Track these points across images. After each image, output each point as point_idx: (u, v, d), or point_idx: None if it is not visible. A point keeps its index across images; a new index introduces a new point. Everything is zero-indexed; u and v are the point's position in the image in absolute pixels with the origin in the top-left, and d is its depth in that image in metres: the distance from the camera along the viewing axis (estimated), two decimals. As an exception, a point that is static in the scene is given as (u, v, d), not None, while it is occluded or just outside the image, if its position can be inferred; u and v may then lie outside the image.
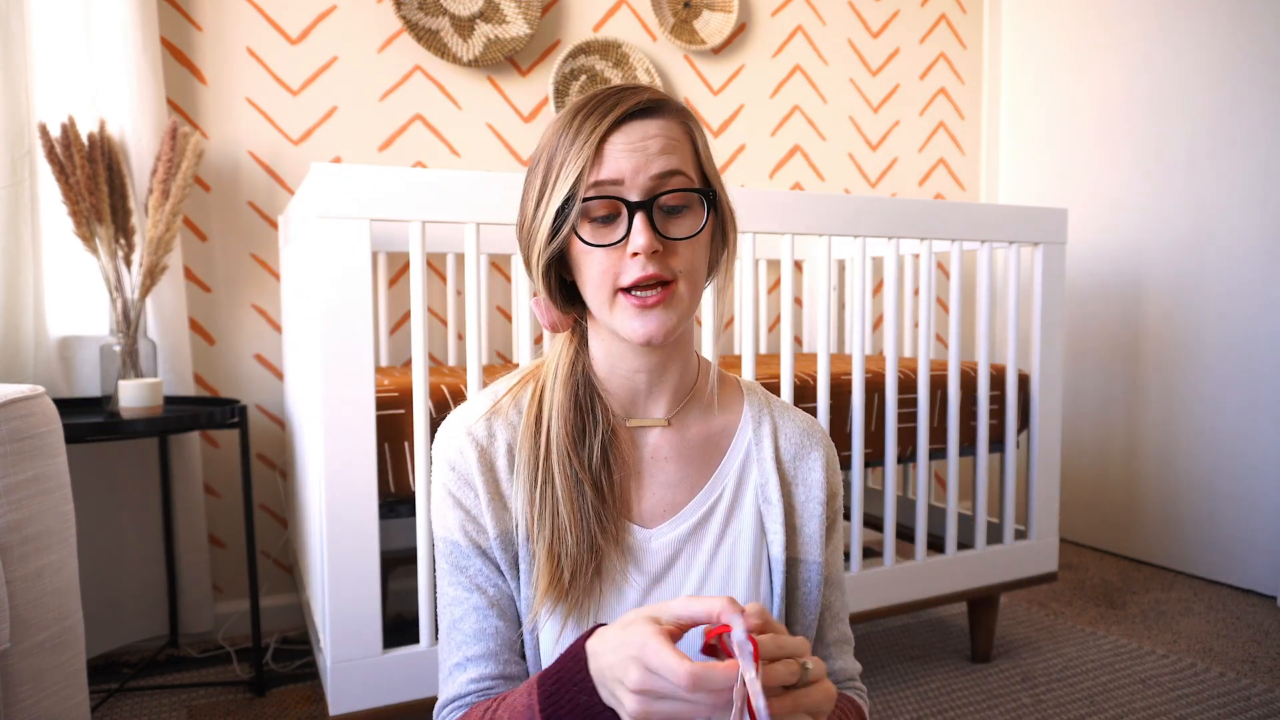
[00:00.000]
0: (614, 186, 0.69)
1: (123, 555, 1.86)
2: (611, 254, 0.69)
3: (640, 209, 0.68)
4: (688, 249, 0.70)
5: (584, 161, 0.68)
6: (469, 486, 0.75)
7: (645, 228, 0.67)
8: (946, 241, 1.73)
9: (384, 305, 2.07)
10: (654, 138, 0.69)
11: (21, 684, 0.97)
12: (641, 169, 0.68)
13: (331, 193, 1.18)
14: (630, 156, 0.68)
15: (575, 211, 0.69)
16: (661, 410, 0.79)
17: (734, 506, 0.78)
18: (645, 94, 0.71)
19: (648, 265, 0.68)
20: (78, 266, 1.80)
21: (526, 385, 0.79)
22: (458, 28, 2.16)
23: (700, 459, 0.79)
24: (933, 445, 1.78)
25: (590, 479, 0.74)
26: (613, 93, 0.72)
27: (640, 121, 0.70)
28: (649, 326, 0.70)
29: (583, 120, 0.70)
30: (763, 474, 0.79)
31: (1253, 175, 2.26)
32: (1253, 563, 2.28)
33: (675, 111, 0.73)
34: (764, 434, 0.81)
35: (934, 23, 2.85)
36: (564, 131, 0.71)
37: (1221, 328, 2.34)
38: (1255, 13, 2.25)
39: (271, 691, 1.70)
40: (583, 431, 0.75)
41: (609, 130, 0.69)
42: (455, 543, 0.75)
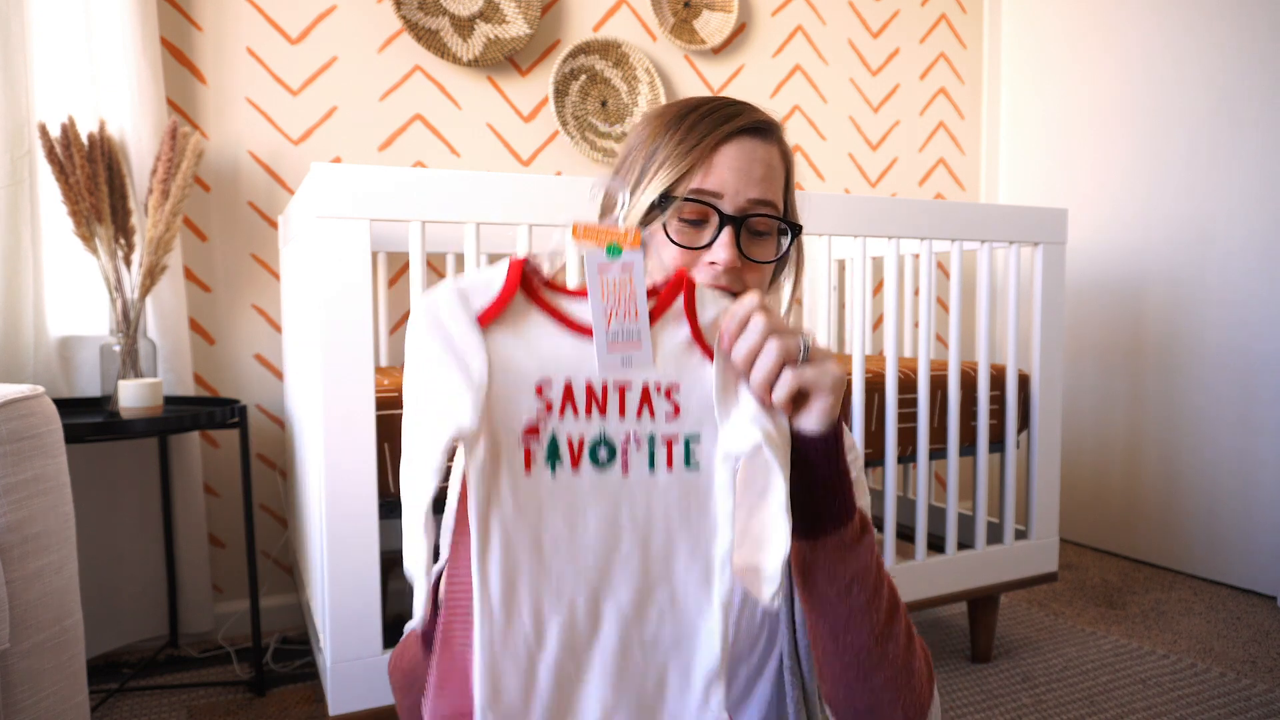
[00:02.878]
0: (713, 197, 0.71)
1: (123, 555, 1.86)
2: (688, 254, 0.72)
3: (731, 224, 0.70)
4: (760, 270, 0.73)
5: (692, 163, 0.70)
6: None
7: (731, 244, 0.70)
8: (946, 241, 1.73)
9: (384, 305, 2.07)
10: (759, 162, 0.72)
11: (21, 684, 0.97)
12: (742, 189, 0.71)
13: (331, 192, 1.18)
14: (736, 173, 0.71)
15: (672, 208, 0.71)
16: None
17: None
18: (761, 114, 0.74)
19: (721, 278, 0.71)
20: (78, 266, 1.80)
21: None
22: (458, 28, 2.16)
23: None
24: (933, 445, 1.78)
25: None
26: (730, 103, 0.74)
27: (751, 140, 0.72)
28: None
29: (697, 121, 0.72)
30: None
31: (1252, 175, 2.26)
32: (1253, 563, 2.28)
33: (780, 139, 0.76)
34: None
35: (934, 23, 2.85)
36: (674, 127, 0.72)
37: (1221, 327, 2.34)
38: (1255, 14, 2.25)
39: (271, 691, 1.70)
40: None
41: (724, 140, 0.71)
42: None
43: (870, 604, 0.61)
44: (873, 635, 0.61)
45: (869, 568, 0.61)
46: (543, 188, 1.32)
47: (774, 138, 0.74)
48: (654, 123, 0.75)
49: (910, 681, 0.63)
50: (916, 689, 0.64)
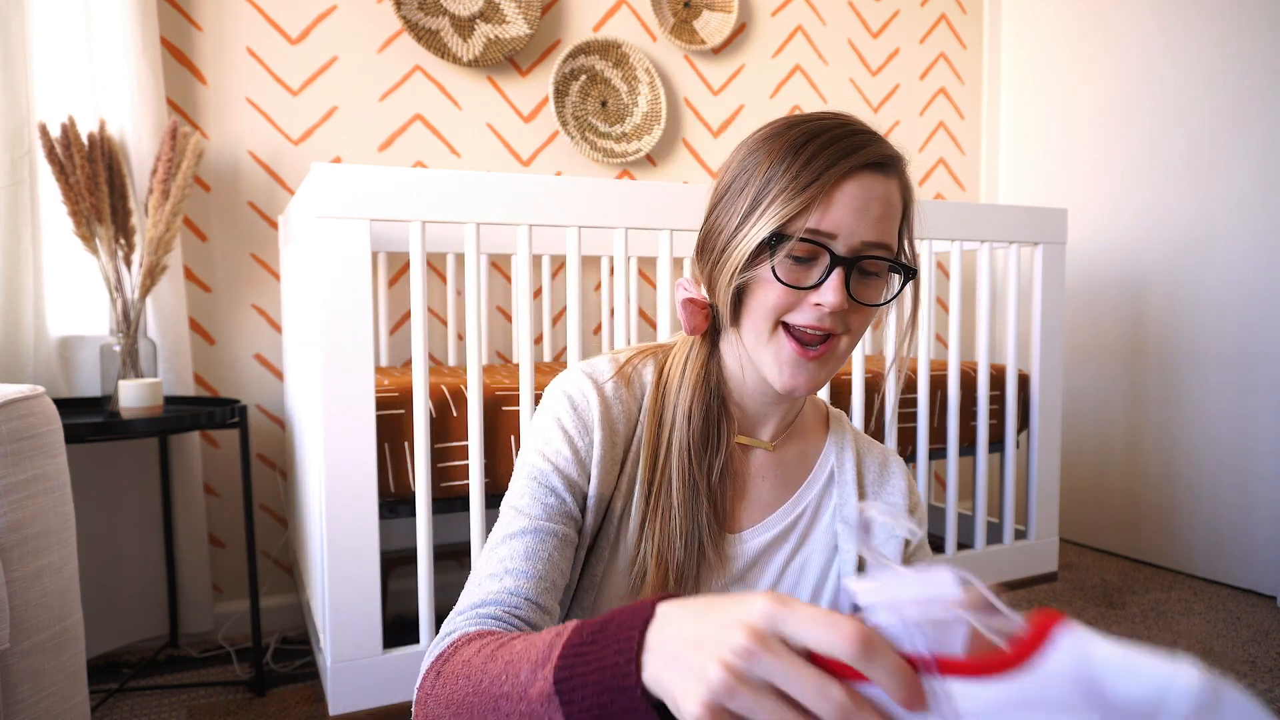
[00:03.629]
0: (827, 237, 0.68)
1: (123, 555, 1.86)
2: (793, 293, 0.69)
3: (842, 266, 0.68)
4: (865, 313, 0.71)
5: (809, 201, 0.67)
6: (586, 431, 0.74)
7: (840, 287, 0.67)
8: (946, 241, 1.73)
9: (384, 305, 2.07)
10: (878, 200, 0.68)
11: (21, 684, 0.97)
12: (858, 230, 0.68)
13: (331, 193, 1.18)
14: (853, 214, 0.67)
15: (785, 250, 0.67)
16: (769, 433, 0.81)
17: (813, 523, 0.81)
18: (885, 147, 0.70)
19: (825, 319, 0.69)
20: (78, 266, 1.80)
21: (645, 363, 0.79)
22: (458, 28, 2.16)
23: (791, 477, 0.82)
24: (933, 445, 1.78)
25: (708, 489, 0.75)
26: (852, 132, 0.70)
27: (872, 177, 0.69)
28: (798, 379, 0.71)
29: (816, 152, 0.68)
30: (843, 495, 0.82)
31: (1253, 175, 2.26)
32: (1253, 563, 2.28)
33: (901, 174, 0.72)
34: (847, 458, 0.83)
35: (934, 23, 2.85)
36: (790, 156, 0.68)
37: (1221, 327, 2.34)
38: (1255, 14, 2.25)
39: (271, 691, 1.70)
40: (706, 443, 0.76)
41: (844, 177, 0.67)
42: (547, 471, 0.73)
43: None
44: None
45: None
46: (543, 188, 1.32)
47: (895, 173, 0.71)
48: (767, 147, 0.70)
49: None
50: None
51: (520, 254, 1.32)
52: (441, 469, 1.37)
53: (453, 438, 1.37)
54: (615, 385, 0.76)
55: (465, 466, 1.38)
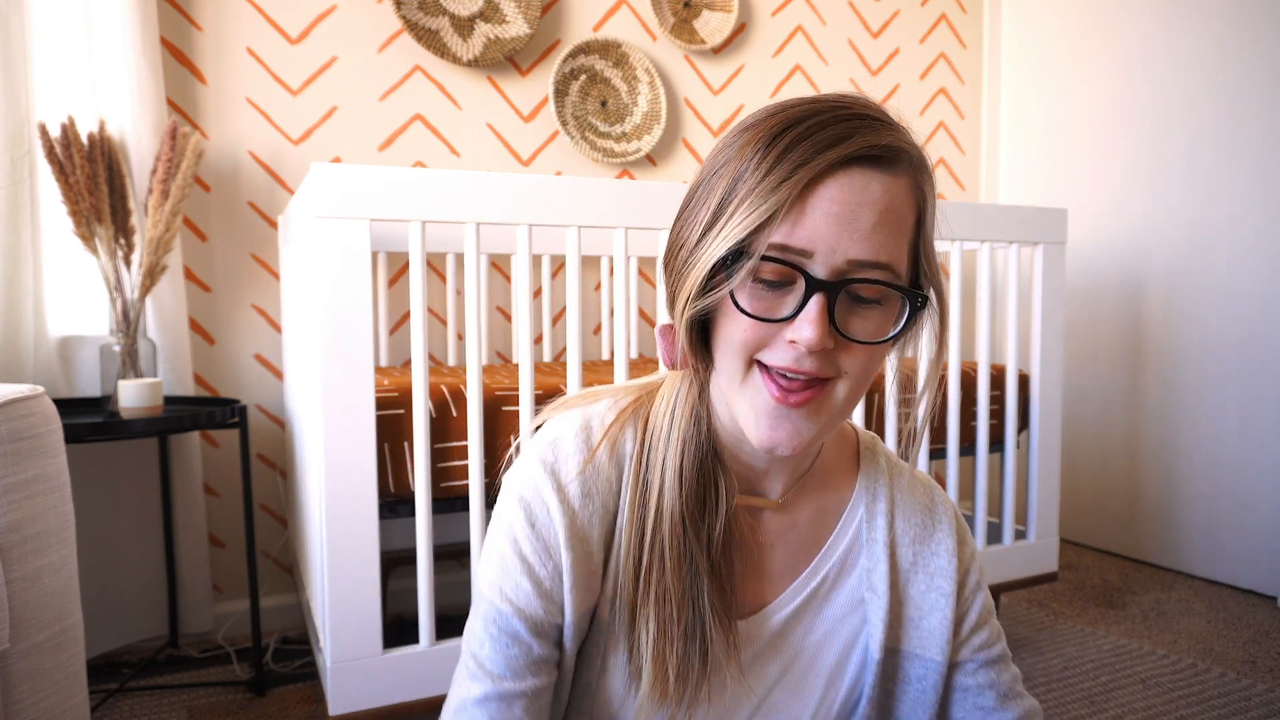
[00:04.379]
0: (800, 255, 0.53)
1: (123, 555, 1.86)
2: (763, 328, 0.55)
3: (822, 291, 0.53)
4: (864, 351, 0.56)
5: (776, 207, 0.52)
6: (548, 556, 0.62)
7: (820, 319, 0.52)
8: (946, 241, 1.73)
9: (384, 305, 2.07)
10: (871, 205, 0.53)
11: (21, 684, 0.97)
12: (840, 246, 0.52)
13: (331, 192, 1.18)
14: (834, 222, 0.52)
15: (744, 271, 0.53)
16: (776, 490, 0.67)
17: (834, 590, 0.68)
18: (884, 135, 0.54)
19: (804, 360, 0.54)
20: (78, 266, 1.80)
21: (626, 427, 0.65)
22: (457, 28, 2.16)
23: (806, 541, 0.68)
24: (933, 445, 1.78)
25: (708, 562, 0.62)
26: (840, 115, 0.54)
27: (864, 173, 0.53)
28: (777, 433, 0.56)
29: (792, 144, 0.53)
30: (872, 559, 0.68)
31: (1253, 175, 2.26)
32: (1253, 563, 2.28)
33: (910, 167, 0.56)
34: (878, 512, 0.69)
35: (934, 23, 2.85)
36: (762, 148, 0.53)
37: (1222, 327, 2.34)
38: (1255, 13, 2.25)
39: (271, 691, 1.70)
40: (703, 506, 0.62)
41: (822, 175, 0.52)
42: (507, 615, 0.62)
43: None
44: None
45: None
46: (543, 188, 1.32)
47: (900, 166, 0.55)
48: (741, 140, 0.55)
49: None
50: None
51: (520, 254, 1.32)
52: (441, 469, 1.37)
53: (453, 438, 1.37)
54: (584, 480, 0.62)
55: (465, 466, 1.38)
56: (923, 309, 0.57)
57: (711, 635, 0.62)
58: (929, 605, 0.68)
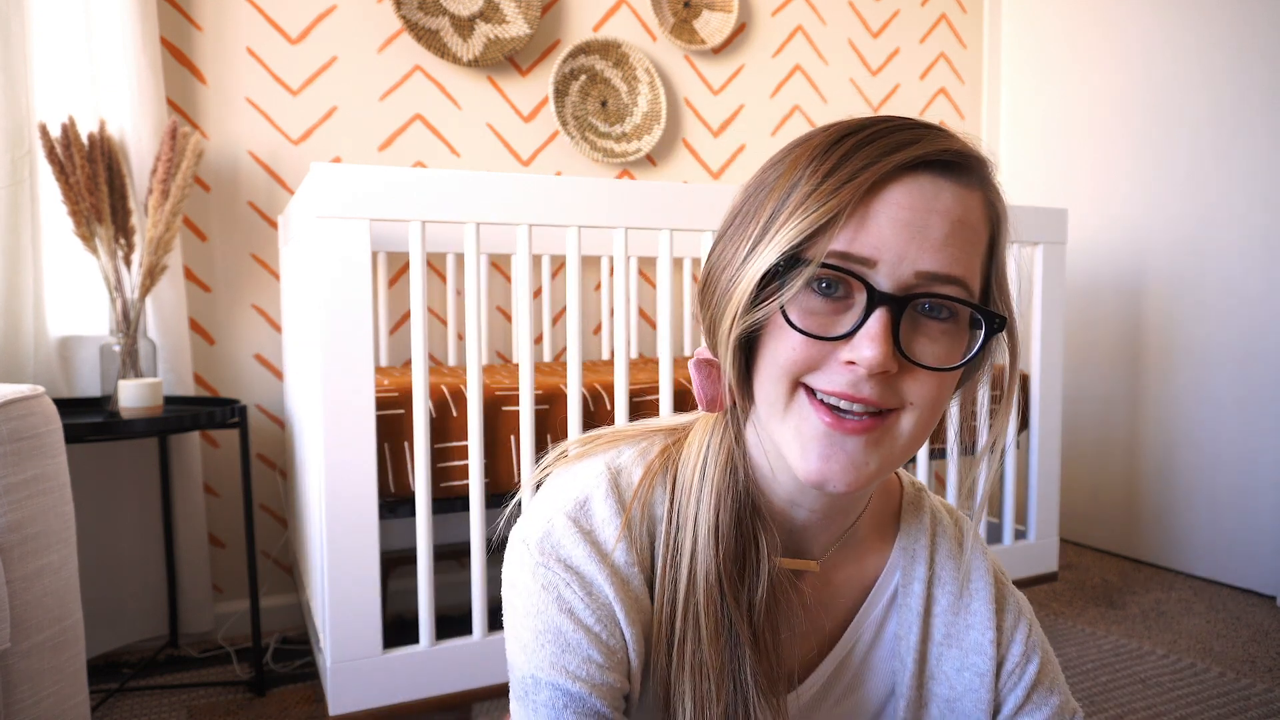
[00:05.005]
0: (863, 264, 0.47)
1: (123, 555, 1.86)
2: (820, 345, 0.48)
3: (886, 305, 0.47)
4: (932, 379, 0.49)
5: (837, 208, 0.47)
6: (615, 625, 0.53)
7: (884, 336, 0.46)
8: (946, 241, 1.73)
9: (384, 305, 2.07)
10: (943, 214, 0.48)
11: (21, 684, 0.97)
12: (909, 255, 0.47)
13: (331, 192, 1.18)
14: (901, 230, 0.47)
15: (800, 281, 0.47)
16: (816, 549, 0.60)
17: (869, 655, 0.62)
18: (953, 142, 0.50)
19: (862, 386, 0.48)
20: (78, 266, 1.80)
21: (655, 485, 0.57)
22: (458, 28, 2.16)
23: (841, 603, 0.62)
24: (933, 445, 1.78)
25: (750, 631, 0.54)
26: (903, 125, 0.50)
27: (934, 180, 0.48)
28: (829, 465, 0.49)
29: (853, 149, 0.48)
30: (903, 626, 0.61)
31: (1253, 175, 2.26)
32: (1253, 563, 2.28)
33: (984, 181, 0.51)
34: (915, 576, 0.62)
35: (934, 23, 2.85)
36: (818, 156, 0.49)
37: (1222, 327, 2.34)
38: (1256, 13, 2.25)
39: (271, 691, 1.70)
40: (742, 566, 0.55)
41: (887, 178, 0.47)
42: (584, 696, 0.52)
43: None
44: None
45: None
46: (543, 188, 1.32)
47: (972, 178, 0.50)
48: (793, 156, 0.51)
49: None
50: None
51: (520, 254, 1.32)
52: (441, 469, 1.37)
53: (453, 438, 1.37)
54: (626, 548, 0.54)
55: (465, 466, 1.38)
56: (999, 333, 0.51)
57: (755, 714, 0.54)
58: (964, 686, 0.60)
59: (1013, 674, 0.61)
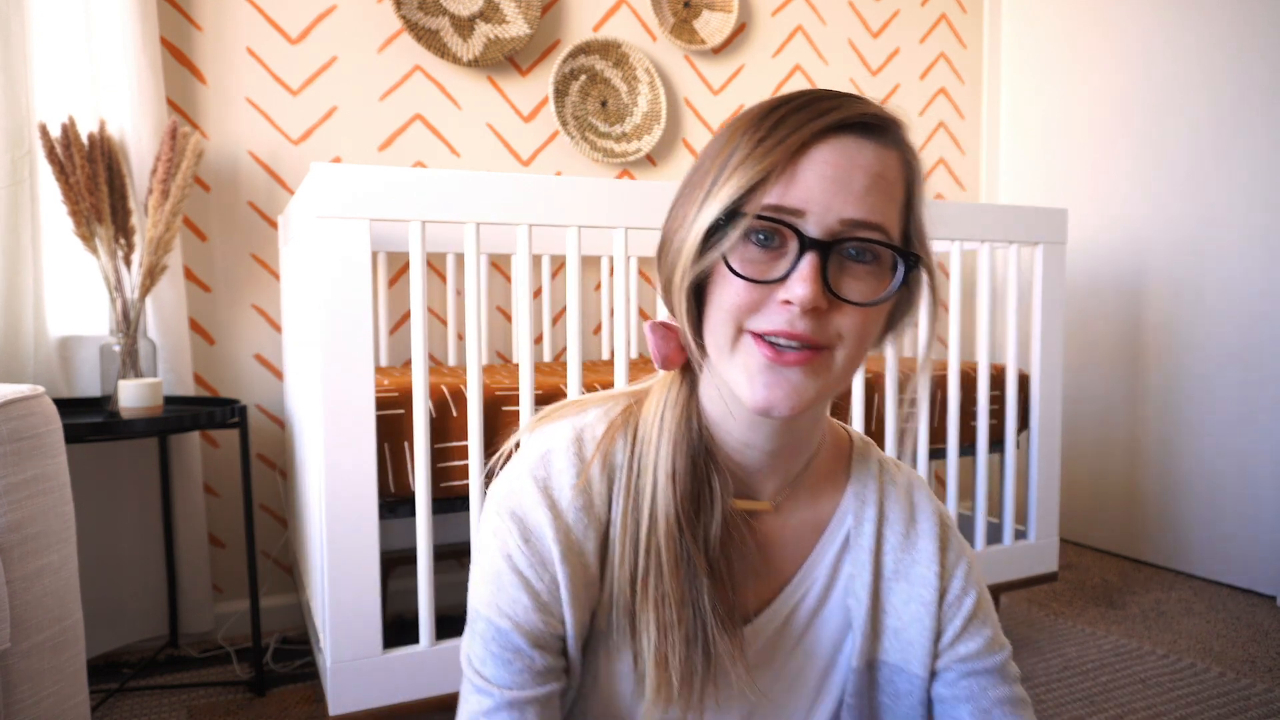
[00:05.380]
0: (793, 215, 0.54)
1: (123, 555, 1.86)
2: (759, 288, 0.55)
3: (815, 250, 0.54)
4: (859, 313, 0.56)
5: (769, 168, 0.54)
6: (545, 570, 0.61)
7: (814, 276, 0.53)
8: (946, 241, 1.73)
9: (384, 305, 2.07)
10: (863, 169, 0.55)
11: (21, 684, 0.97)
12: (834, 206, 0.54)
13: (331, 192, 1.18)
14: (827, 184, 0.54)
15: (740, 231, 0.54)
16: (768, 491, 0.67)
17: (823, 601, 0.68)
18: (870, 107, 0.57)
19: (797, 322, 0.54)
20: (78, 266, 1.80)
21: (617, 438, 0.64)
22: (458, 28, 2.16)
23: (797, 545, 0.68)
24: (933, 445, 1.78)
25: (707, 564, 0.61)
26: (829, 94, 0.57)
27: (856, 140, 0.55)
28: (774, 392, 0.56)
29: (784, 117, 0.55)
30: (856, 565, 0.67)
31: (1253, 175, 2.26)
32: (1253, 563, 2.28)
33: (899, 142, 0.58)
34: (866, 518, 0.68)
35: (934, 23, 2.85)
36: (753, 126, 0.56)
37: (1222, 328, 2.34)
38: (1256, 13, 2.25)
39: (271, 691, 1.70)
40: (698, 506, 0.62)
41: (813, 139, 0.54)
42: (506, 630, 0.61)
43: None
44: None
45: None
46: (543, 188, 1.32)
47: (889, 138, 0.57)
48: (733, 127, 0.59)
49: None
50: None
51: (520, 254, 1.32)
52: (441, 469, 1.37)
53: (453, 438, 1.37)
54: (578, 495, 0.62)
55: (465, 466, 1.38)
56: (915, 270, 0.58)
57: (714, 638, 0.61)
58: (910, 616, 0.67)
59: (953, 605, 0.68)
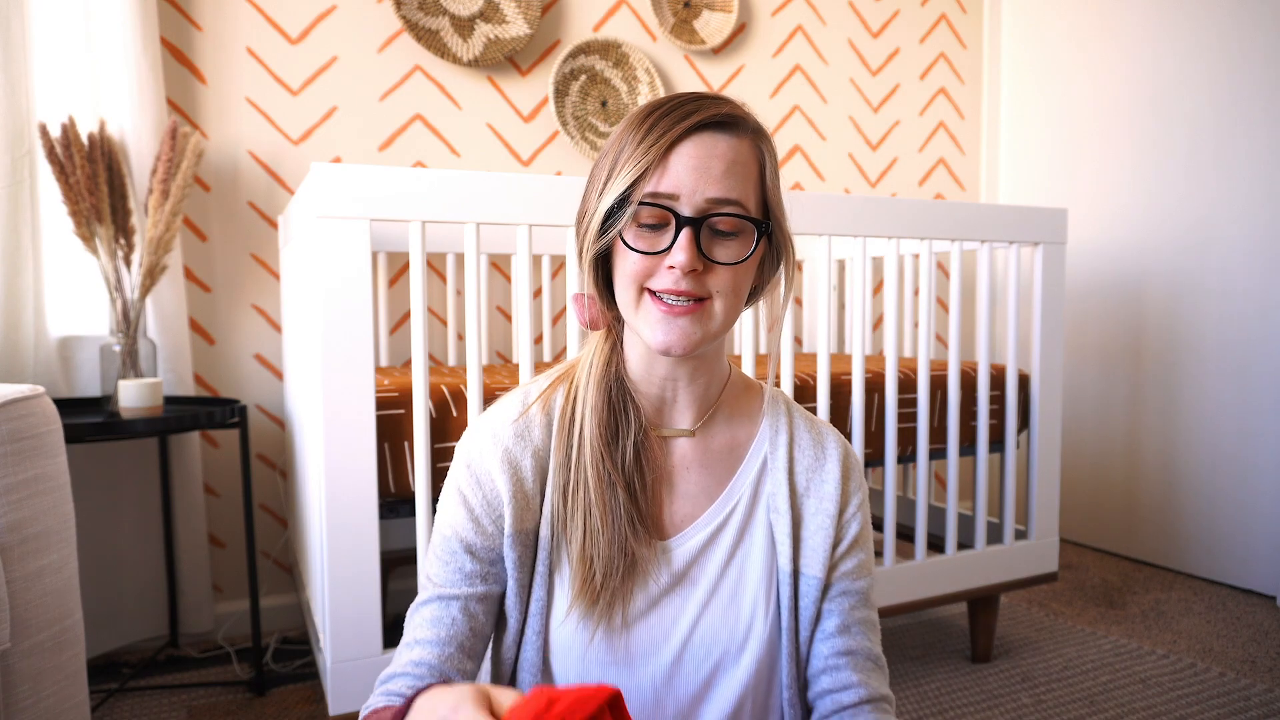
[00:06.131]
0: (669, 199, 0.68)
1: (123, 555, 1.86)
2: (650, 258, 0.70)
3: (689, 225, 0.68)
4: (728, 272, 0.70)
5: (647, 165, 0.68)
6: (479, 488, 0.75)
7: (689, 245, 0.67)
8: (946, 241, 1.73)
9: (384, 305, 2.06)
10: (719, 157, 0.69)
11: (21, 684, 0.97)
12: (699, 188, 0.68)
13: (331, 193, 1.18)
14: (692, 172, 0.68)
15: (628, 215, 0.69)
16: (688, 420, 0.79)
17: (749, 517, 0.78)
18: (724, 106, 0.71)
19: (681, 281, 0.68)
20: (78, 266, 1.80)
21: (558, 388, 0.80)
22: (458, 28, 2.16)
23: (721, 468, 0.80)
24: (933, 445, 1.78)
25: (623, 480, 0.75)
26: (691, 99, 0.71)
27: (712, 135, 0.69)
28: (670, 336, 0.70)
29: (656, 121, 0.69)
30: (774, 484, 0.79)
31: (1253, 175, 2.26)
32: (1253, 563, 2.28)
33: (750, 131, 0.72)
34: (780, 444, 0.80)
35: (934, 23, 2.85)
36: (635, 128, 0.71)
37: (1221, 328, 2.34)
38: (1256, 13, 2.25)
39: (271, 691, 1.70)
40: (615, 433, 0.76)
41: (679, 138, 0.68)
42: (448, 539, 0.76)
43: None
44: None
45: None
46: (542, 188, 1.32)
47: (741, 130, 0.71)
48: (623, 125, 0.73)
49: None
50: None
51: (520, 254, 1.32)
52: (441, 469, 1.37)
53: (453, 438, 1.37)
54: (516, 426, 0.77)
55: (465, 466, 1.37)
56: (767, 234, 0.72)
57: (632, 546, 0.73)
58: (815, 525, 0.78)
59: (848, 523, 0.80)
